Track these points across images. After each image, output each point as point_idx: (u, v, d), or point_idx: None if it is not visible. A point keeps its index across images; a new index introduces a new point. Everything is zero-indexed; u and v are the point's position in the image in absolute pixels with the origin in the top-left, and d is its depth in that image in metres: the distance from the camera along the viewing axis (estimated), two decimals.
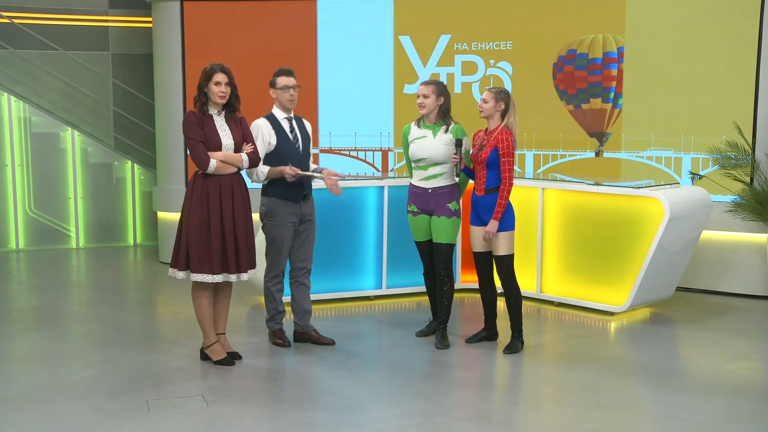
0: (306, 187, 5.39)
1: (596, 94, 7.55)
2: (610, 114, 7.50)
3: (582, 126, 7.64)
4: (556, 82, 7.71)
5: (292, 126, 5.38)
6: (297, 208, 5.36)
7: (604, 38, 7.47)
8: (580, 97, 7.64)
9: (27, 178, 9.47)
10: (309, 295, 5.59)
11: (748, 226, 6.95)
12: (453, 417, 4.29)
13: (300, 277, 5.53)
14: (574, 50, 7.60)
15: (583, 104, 7.62)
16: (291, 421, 4.21)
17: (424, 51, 8.14)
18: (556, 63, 7.71)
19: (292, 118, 5.42)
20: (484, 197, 5.32)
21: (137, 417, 4.24)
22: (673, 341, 5.92)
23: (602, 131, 7.55)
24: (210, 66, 4.94)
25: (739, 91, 6.98)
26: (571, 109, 7.69)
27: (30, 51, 9.62)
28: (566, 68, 7.68)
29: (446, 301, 5.50)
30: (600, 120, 7.52)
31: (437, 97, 5.39)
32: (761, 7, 6.83)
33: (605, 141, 7.53)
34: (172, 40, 8.46)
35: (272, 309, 5.52)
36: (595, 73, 7.54)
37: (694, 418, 4.27)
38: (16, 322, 6.31)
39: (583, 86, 7.61)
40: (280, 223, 5.35)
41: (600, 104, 7.54)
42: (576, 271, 6.59)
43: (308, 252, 5.51)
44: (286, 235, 5.37)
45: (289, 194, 5.33)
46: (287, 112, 5.40)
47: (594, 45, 7.53)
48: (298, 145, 5.36)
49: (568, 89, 7.67)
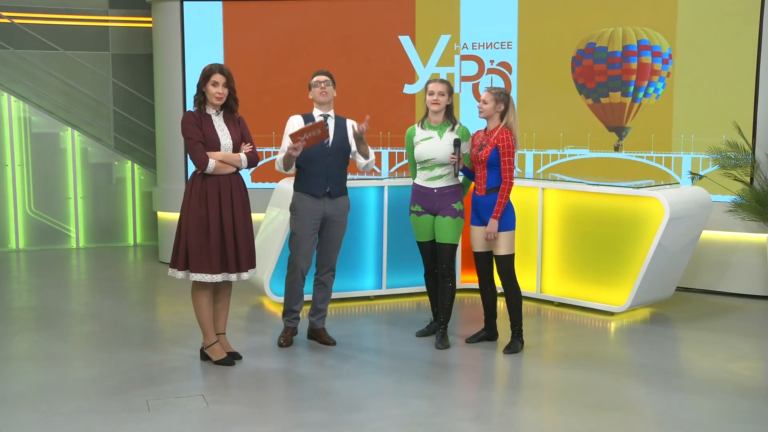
0: (330, 185, 5.38)
1: (615, 88, 7.48)
2: (630, 108, 7.43)
3: (601, 120, 7.56)
4: (575, 76, 7.64)
5: (325, 121, 5.36)
6: (320, 205, 5.37)
7: (623, 31, 7.40)
8: (599, 91, 7.57)
9: (27, 178, 9.46)
10: (327, 294, 5.62)
11: (748, 226, 6.95)
12: (453, 417, 4.29)
13: (320, 275, 5.58)
14: (593, 43, 7.52)
15: (602, 98, 7.55)
16: (291, 422, 4.21)
17: (424, 51, 8.14)
18: (575, 57, 7.64)
19: (329, 116, 5.42)
20: (484, 197, 5.32)
21: (137, 417, 4.24)
22: (673, 341, 5.92)
23: (621, 125, 7.49)
24: (209, 66, 4.94)
25: (739, 91, 6.98)
26: (590, 103, 7.61)
27: (30, 51, 9.62)
28: (585, 62, 7.61)
29: (447, 301, 5.49)
30: (619, 114, 7.46)
31: (449, 96, 5.41)
32: (761, 7, 6.83)
33: (625, 135, 7.46)
34: (172, 40, 8.46)
35: (286, 305, 5.57)
36: (614, 67, 7.48)
37: (694, 418, 4.27)
38: (16, 322, 6.31)
39: (603, 80, 7.54)
40: (299, 218, 5.39)
41: (619, 98, 7.47)
42: (576, 271, 6.59)
43: (331, 252, 5.53)
44: (303, 230, 5.38)
45: (309, 188, 5.36)
46: (323, 109, 5.41)
47: (613, 38, 7.46)
48: (328, 141, 5.34)
49: (587, 83, 7.60)
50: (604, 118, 7.56)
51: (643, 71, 7.37)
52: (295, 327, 5.60)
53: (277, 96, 8.22)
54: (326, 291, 5.61)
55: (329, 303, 5.70)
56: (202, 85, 4.93)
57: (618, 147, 7.54)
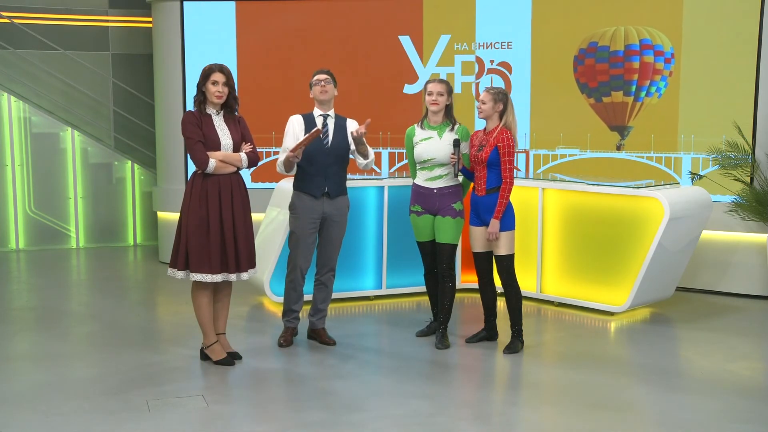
0: (329, 185, 5.38)
1: (617, 87, 7.46)
2: (632, 107, 7.41)
3: (603, 119, 7.54)
4: (577, 75, 7.61)
5: (324, 122, 5.37)
6: (318, 204, 5.37)
7: (626, 30, 7.38)
8: (601, 90, 7.54)
9: (27, 178, 9.46)
10: (328, 294, 5.63)
11: (748, 226, 6.94)
12: (453, 417, 4.29)
13: (321, 275, 5.59)
14: (595, 43, 7.50)
15: (604, 97, 7.53)
16: (291, 421, 4.21)
17: (424, 51, 8.14)
18: (577, 56, 7.61)
19: (328, 115, 5.42)
20: (484, 197, 5.32)
21: (137, 417, 4.24)
22: (673, 341, 5.92)
23: (623, 125, 7.48)
24: (209, 66, 4.94)
25: (739, 91, 6.98)
26: (592, 102, 7.59)
27: (30, 51, 9.61)
28: (587, 61, 7.59)
29: (447, 301, 5.49)
30: (621, 113, 7.44)
31: (448, 96, 5.41)
32: (761, 7, 6.83)
33: (627, 135, 7.44)
34: (172, 40, 8.46)
35: (285, 304, 5.58)
36: (616, 66, 7.46)
37: (694, 418, 4.27)
38: (16, 322, 6.31)
39: (605, 79, 7.52)
40: (297, 217, 5.40)
41: (621, 97, 7.44)
42: (576, 271, 6.59)
43: (331, 252, 5.53)
44: (302, 230, 5.39)
45: (308, 187, 5.37)
46: (323, 109, 5.42)
47: (615, 37, 7.44)
48: (327, 141, 5.35)
49: (589, 82, 7.58)
50: (606, 118, 7.55)
51: (645, 70, 7.36)
52: (295, 327, 5.60)
53: (278, 96, 8.22)
54: (327, 291, 5.62)
55: (330, 303, 5.70)
56: (202, 84, 4.93)
57: (620, 146, 7.53)
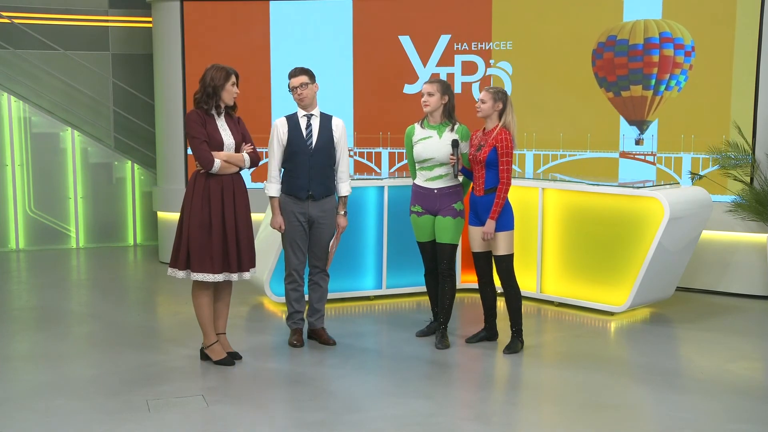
0: (312, 187, 5.37)
1: (637, 81, 7.39)
2: (651, 101, 7.34)
3: (621, 114, 7.48)
4: (596, 69, 7.55)
5: (308, 123, 5.38)
6: (303, 206, 5.37)
7: (645, 23, 7.31)
8: (620, 84, 7.48)
9: (27, 178, 9.46)
10: (323, 293, 5.63)
11: (748, 226, 6.94)
12: (453, 417, 4.29)
13: (313, 275, 5.60)
14: (614, 36, 7.43)
15: (623, 91, 7.46)
16: (291, 421, 4.21)
17: (424, 51, 8.14)
18: (596, 50, 7.54)
19: (312, 115, 5.41)
20: (483, 197, 5.32)
21: (137, 417, 4.24)
22: (673, 341, 5.92)
23: (643, 119, 7.43)
24: (226, 67, 4.95)
25: (739, 91, 6.98)
26: (611, 96, 7.52)
27: (30, 51, 9.61)
28: (606, 55, 7.52)
29: (447, 301, 5.49)
30: (641, 107, 7.38)
31: (441, 95, 5.39)
32: (761, 7, 6.83)
33: (646, 129, 7.37)
34: (172, 40, 8.46)
35: (289, 308, 5.59)
36: (635, 60, 7.39)
37: (694, 418, 4.27)
38: (16, 322, 6.31)
39: (623, 73, 7.45)
40: (285, 219, 5.40)
41: (641, 91, 7.37)
42: (576, 271, 6.59)
43: (320, 252, 5.52)
44: (290, 230, 5.39)
45: (292, 189, 5.37)
46: (306, 109, 5.41)
47: (635, 30, 7.37)
48: (311, 142, 5.35)
49: (608, 76, 7.51)
50: (624, 112, 7.48)
51: (665, 64, 7.29)
52: (302, 328, 5.61)
53: (277, 95, 8.22)
54: (321, 291, 5.61)
55: (326, 302, 5.70)
56: (222, 85, 4.91)
57: (639, 141, 7.48)
